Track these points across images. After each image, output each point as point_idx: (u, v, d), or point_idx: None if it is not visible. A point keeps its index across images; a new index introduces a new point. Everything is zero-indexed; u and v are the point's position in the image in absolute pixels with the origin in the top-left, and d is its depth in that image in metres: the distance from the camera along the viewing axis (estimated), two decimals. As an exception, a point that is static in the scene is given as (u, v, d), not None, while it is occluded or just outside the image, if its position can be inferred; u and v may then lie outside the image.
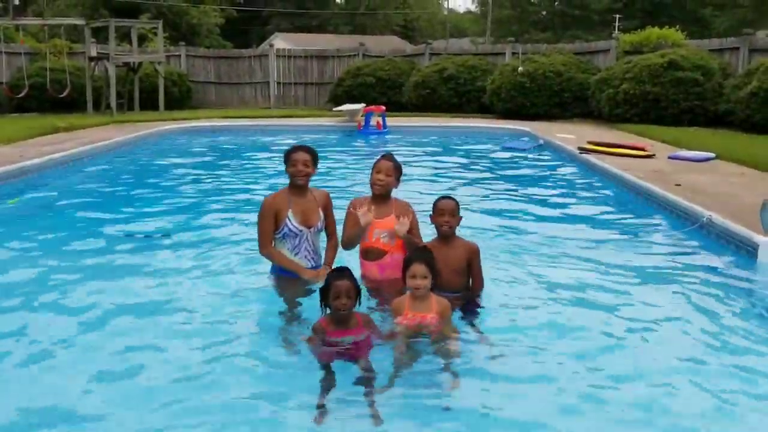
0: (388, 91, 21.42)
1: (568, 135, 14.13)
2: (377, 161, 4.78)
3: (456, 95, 20.35)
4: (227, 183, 10.01)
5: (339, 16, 62.97)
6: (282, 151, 4.94)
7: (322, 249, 4.96)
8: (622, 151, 11.40)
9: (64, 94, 18.94)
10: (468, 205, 4.66)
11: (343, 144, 14.82)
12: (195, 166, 11.71)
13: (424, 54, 23.01)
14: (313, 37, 49.19)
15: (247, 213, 7.37)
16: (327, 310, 3.89)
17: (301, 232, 4.74)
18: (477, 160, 12.37)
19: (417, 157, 12.46)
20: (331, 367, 3.69)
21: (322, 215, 4.86)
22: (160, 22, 22.02)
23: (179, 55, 24.33)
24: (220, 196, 8.93)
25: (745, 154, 10.85)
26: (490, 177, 10.41)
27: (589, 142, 12.22)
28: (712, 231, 6.44)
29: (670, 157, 11.00)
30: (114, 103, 19.18)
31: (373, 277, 4.71)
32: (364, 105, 17.97)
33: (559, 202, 8.48)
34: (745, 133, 14.58)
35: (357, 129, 16.52)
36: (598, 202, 8.70)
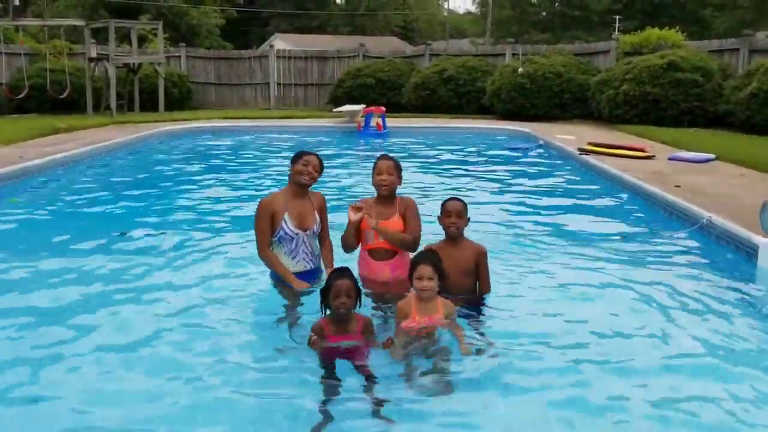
0: (387, 92, 21.43)
1: (568, 136, 14.14)
2: (376, 162, 4.76)
3: (456, 96, 20.36)
4: (227, 183, 10.00)
5: (339, 17, 62.98)
6: (282, 151, 4.94)
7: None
8: (621, 152, 11.40)
9: (64, 95, 18.95)
10: (467, 206, 4.66)
11: (343, 145, 14.82)
12: (195, 167, 11.71)
13: (423, 55, 23.03)
14: (313, 38, 49.20)
15: (246, 214, 7.36)
16: (327, 310, 3.89)
17: (297, 235, 4.72)
18: (477, 161, 12.37)
19: (417, 158, 12.46)
20: (332, 368, 3.69)
21: (318, 218, 4.85)
22: (160, 23, 22.04)
23: (179, 56, 24.34)
24: (220, 197, 8.91)
25: (745, 155, 10.85)
26: (489, 178, 10.41)
27: (589, 143, 12.22)
28: (712, 232, 6.44)
29: (670, 158, 11.00)
30: (114, 104, 19.19)
31: (383, 277, 4.65)
32: (364, 106, 17.98)
33: (559, 203, 8.48)
34: (745, 134, 14.59)
35: (357, 130, 16.52)
36: (597, 203, 8.70)
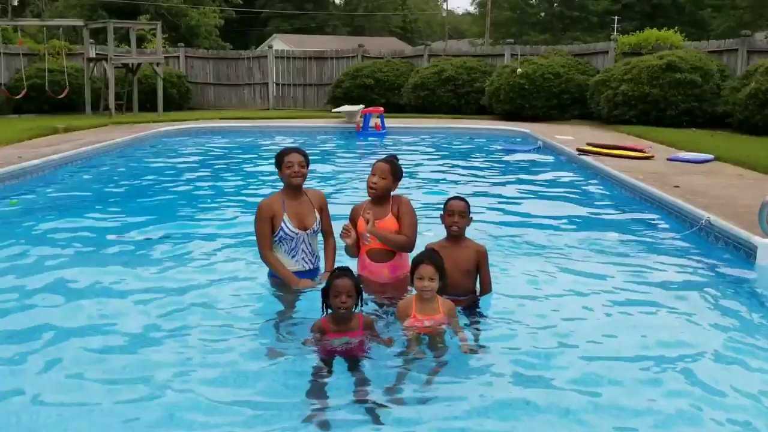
0: (386, 93, 21.43)
1: (567, 136, 14.13)
2: (375, 163, 4.74)
3: (455, 97, 20.37)
4: (226, 184, 10.00)
5: (338, 18, 63.01)
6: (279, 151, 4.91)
7: (321, 250, 4.95)
8: (620, 153, 11.40)
9: (63, 96, 18.94)
10: (470, 206, 4.67)
11: (342, 145, 14.83)
12: (194, 168, 11.70)
13: (422, 55, 23.03)
14: (312, 38, 49.25)
15: (246, 214, 7.36)
16: (328, 311, 3.89)
17: (296, 235, 4.72)
18: (475, 161, 12.37)
19: (416, 158, 12.46)
20: (330, 366, 3.68)
21: (318, 216, 4.84)
22: (159, 23, 22.03)
23: (178, 57, 24.32)
24: (218, 198, 8.92)
25: (744, 156, 10.86)
26: (488, 179, 10.40)
27: (588, 144, 12.22)
28: (711, 233, 6.44)
29: (669, 159, 11.01)
30: (113, 105, 19.18)
31: (382, 278, 4.64)
32: (362, 106, 17.98)
33: (558, 204, 8.47)
34: (744, 134, 14.60)
35: (356, 130, 16.53)
36: (596, 203, 8.70)
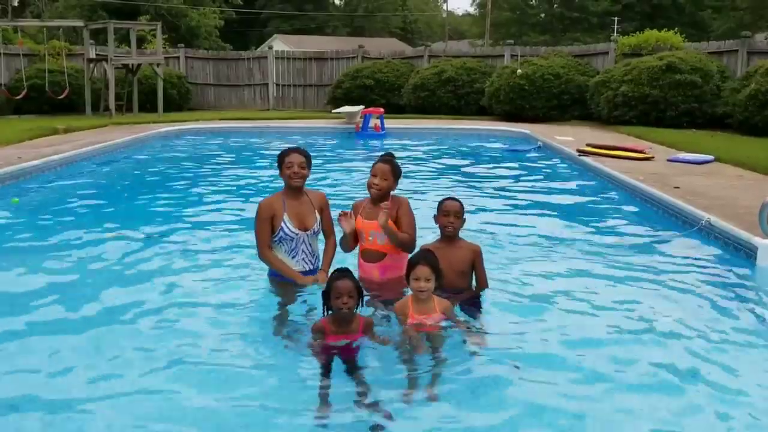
0: (386, 94, 21.43)
1: (567, 137, 14.13)
2: (375, 163, 4.74)
3: (455, 97, 20.36)
4: (225, 185, 10.00)
5: (338, 19, 63.03)
6: (279, 152, 4.91)
7: (321, 251, 4.94)
8: (621, 154, 11.39)
9: (63, 96, 18.94)
10: (466, 207, 4.66)
11: (342, 146, 14.83)
12: (193, 168, 11.70)
13: (423, 56, 23.02)
14: (312, 39, 49.30)
15: (245, 215, 7.36)
16: (329, 312, 3.89)
17: (296, 235, 4.72)
18: (475, 162, 12.37)
19: (415, 159, 12.46)
20: (330, 367, 3.68)
21: (319, 217, 4.83)
22: (159, 23, 22.03)
23: (178, 57, 24.33)
24: (218, 198, 8.91)
25: (744, 157, 10.86)
26: (488, 179, 10.40)
27: (588, 145, 12.22)
28: (711, 233, 6.44)
29: (669, 160, 11.00)
30: (113, 105, 19.18)
31: (374, 279, 4.65)
32: (362, 107, 17.98)
33: (558, 205, 8.47)
34: (744, 135, 14.59)
35: (355, 131, 16.53)
36: (596, 204, 8.69)
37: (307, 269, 4.80)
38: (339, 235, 4.88)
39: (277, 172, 4.84)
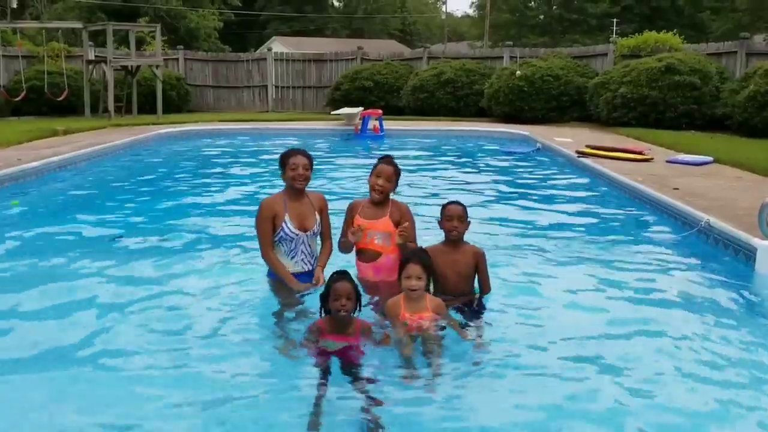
0: (386, 95, 21.43)
1: (566, 139, 14.14)
2: (377, 164, 4.75)
3: (454, 99, 20.37)
4: (225, 186, 10.00)
5: (337, 20, 63.06)
6: (280, 153, 4.92)
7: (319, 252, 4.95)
8: (620, 155, 11.40)
9: (62, 98, 18.93)
10: (467, 210, 4.67)
11: (341, 148, 14.83)
12: (193, 169, 11.70)
13: (422, 58, 23.04)
14: (311, 40, 49.34)
15: (244, 216, 7.36)
16: (327, 314, 3.88)
17: (297, 236, 4.72)
18: (475, 163, 12.37)
19: (415, 161, 12.46)
20: (326, 368, 3.67)
21: (319, 218, 4.84)
22: (158, 25, 22.02)
23: (177, 59, 24.33)
24: (217, 200, 8.91)
25: (743, 158, 10.86)
26: (487, 181, 10.41)
27: (587, 146, 12.22)
28: (710, 235, 6.44)
29: (668, 161, 11.01)
30: (112, 107, 19.16)
31: (368, 278, 4.69)
32: (361, 109, 17.98)
33: (557, 206, 8.47)
34: (743, 136, 14.60)
35: (354, 133, 16.53)
36: (596, 206, 8.69)
37: (306, 270, 4.80)
38: (337, 237, 4.89)
39: (278, 172, 4.84)
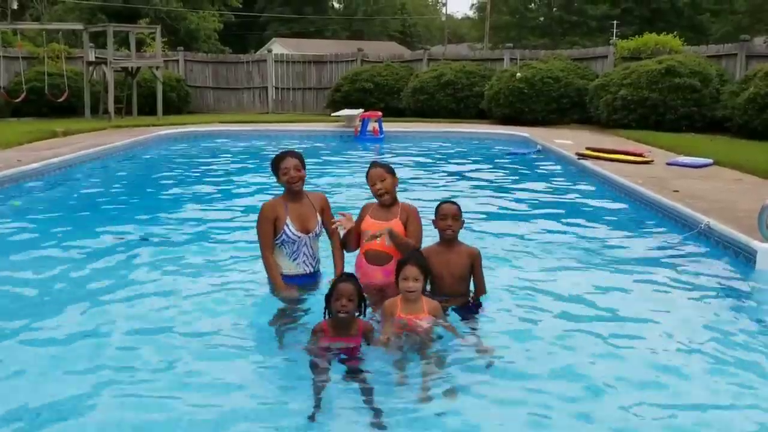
0: (386, 97, 21.44)
1: (566, 141, 14.14)
2: (368, 173, 4.75)
3: (454, 101, 20.37)
4: (225, 187, 10.00)
5: (337, 22, 63.09)
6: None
7: (320, 253, 4.94)
8: (620, 157, 11.41)
9: (62, 99, 18.93)
10: (465, 211, 4.65)
11: (340, 149, 14.83)
12: (193, 171, 11.70)
13: (422, 60, 23.04)
14: (311, 42, 49.35)
15: (244, 217, 7.37)
16: (330, 315, 3.88)
17: (299, 238, 4.72)
18: (475, 165, 12.37)
19: (414, 162, 12.47)
20: (327, 372, 3.67)
21: (320, 219, 4.84)
22: (158, 26, 22.03)
23: (177, 60, 24.33)
24: (217, 200, 8.91)
25: (743, 160, 10.87)
26: (487, 183, 10.41)
27: (588, 148, 12.23)
28: (711, 237, 6.44)
29: (668, 163, 11.01)
30: (112, 108, 19.16)
31: (376, 282, 4.62)
32: (362, 110, 17.99)
33: (557, 209, 8.48)
34: (743, 139, 14.61)
35: (354, 135, 16.54)
36: (595, 208, 8.69)
37: (308, 272, 4.80)
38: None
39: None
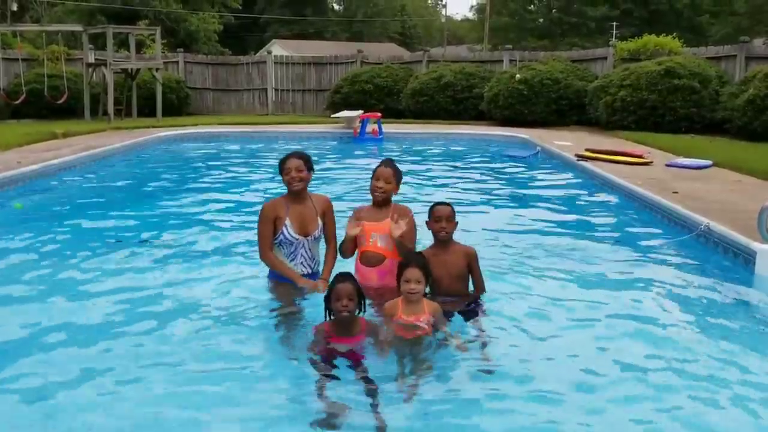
0: (385, 98, 21.43)
1: (566, 142, 14.14)
2: (377, 168, 4.76)
3: (453, 102, 20.37)
4: (224, 189, 10.00)
5: (337, 24, 63.11)
6: (279, 157, 4.93)
7: (322, 255, 4.94)
8: (619, 159, 11.41)
9: (62, 101, 18.94)
10: (465, 212, 4.66)
11: (340, 151, 14.84)
12: (192, 172, 11.71)
13: (421, 61, 23.03)
14: (311, 44, 49.36)
15: (244, 219, 7.37)
16: (331, 316, 3.89)
17: (297, 240, 4.71)
18: (474, 167, 12.37)
19: (414, 164, 12.46)
20: (331, 369, 3.68)
21: (321, 222, 4.83)
22: (158, 28, 22.03)
23: (177, 62, 24.33)
24: (217, 202, 8.91)
25: (743, 162, 10.87)
26: (486, 184, 10.41)
27: (587, 150, 12.24)
28: (710, 238, 6.44)
29: (668, 165, 11.01)
30: (111, 110, 19.17)
31: (371, 283, 4.63)
32: (361, 112, 18.00)
33: (557, 210, 8.48)
34: (742, 140, 14.61)
35: (353, 136, 16.55)
36: (595, 209, 8.69)
37: (306, 273, 4.80)
38: (340, 240, 4.89)
39: (278, 174, 4.85)
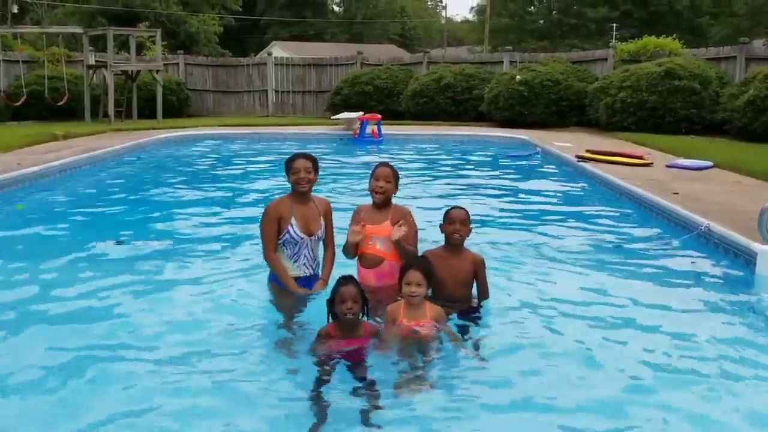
0: (385, 100, 21.45)
1: (566, 143, 14.15)
2: (375, 169, 4.77)
3: (453, 104, 20.38)
4: (225, 190, 10.00)
5: (337, 25, 63.13)
6: (280, 158, 4.94)
7: (322, 257, 4.95)
8: (619, 160, 11.42)
9: (62, 102, 18.96)
10: (470, 215, 4.66)
11: (339, 152, 14.83)
12: (192, 174, 11.71)
13: (421, 62, 23.05)
14: (311, 45, 49.37)
15: (245, 220, 7.37)
16: (335, 319, 3.89)
17: (301, 239, 4.72)
18: (474, 168, 12.37)
19: (414, 165, 12.47)
20: (332, 371, 3.68)
21: (323, 224, 4.84)
22: (158, 30, 22.07)
23: (177, 64, 24.36)
24: (217, 204, 8.91)
25: (743, 162, 10.87)
26: (487, 186, 10.41)
27: (587, 151, 12.24)
28: (710, 239, 6.44)
29: (668, 166, 11.02)
30: (112, 112, 19.19)
31: (369, 284, 4.63)
32: (361, 113, 18.00)
33: (556, 211, 8.49)
34: (742, 141, 14.61)
35: (353, 137, 16.55)
36: (595, 210, 8.69)
37: (308, 274, 4.80)
38: (341, 243, 4.88)
39: (280, 175, 4.85)
